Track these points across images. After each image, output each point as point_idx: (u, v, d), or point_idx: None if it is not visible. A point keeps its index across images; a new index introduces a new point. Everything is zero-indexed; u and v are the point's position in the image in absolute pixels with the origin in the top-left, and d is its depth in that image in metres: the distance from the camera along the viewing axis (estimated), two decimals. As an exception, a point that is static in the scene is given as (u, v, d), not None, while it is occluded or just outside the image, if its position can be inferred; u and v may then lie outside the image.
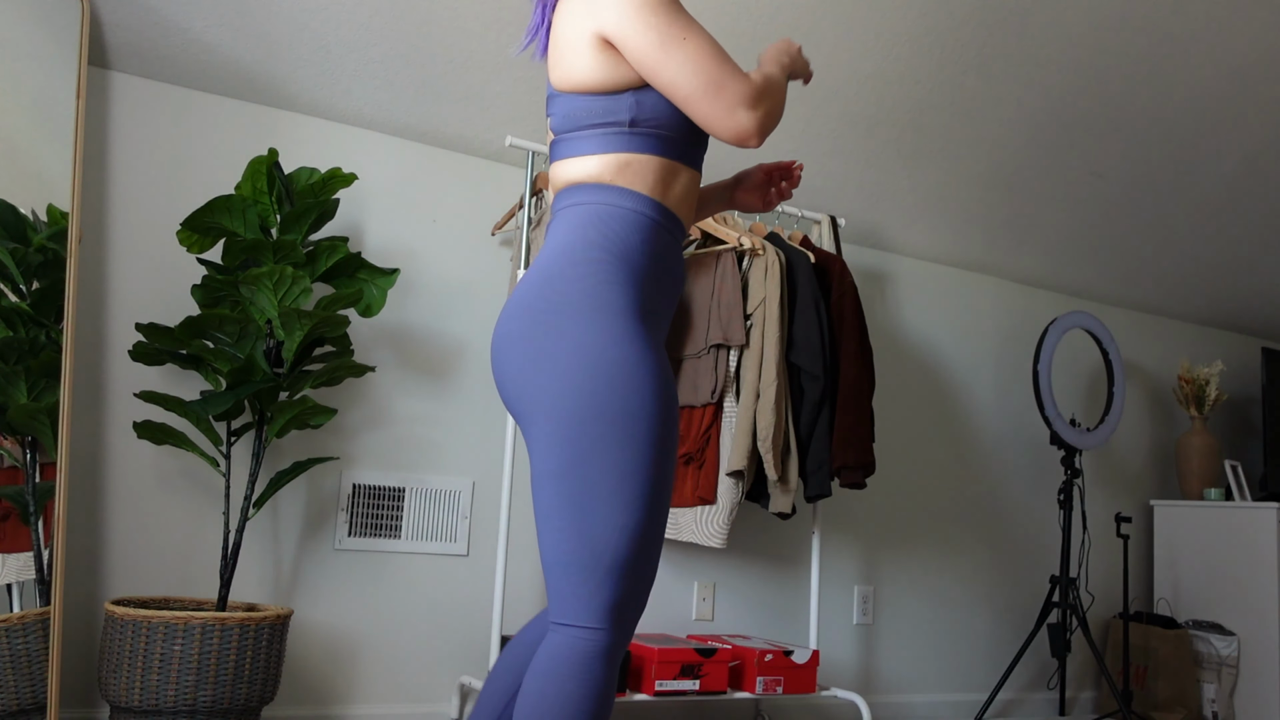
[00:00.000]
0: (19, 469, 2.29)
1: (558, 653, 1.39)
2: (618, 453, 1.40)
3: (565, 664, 1.38)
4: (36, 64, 2.44)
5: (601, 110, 1.52)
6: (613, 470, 1.39)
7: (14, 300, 2.31)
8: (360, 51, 2.72)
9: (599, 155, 1.53)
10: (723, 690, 2.82)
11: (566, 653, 1.39)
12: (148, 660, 2.21)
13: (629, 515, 1.40)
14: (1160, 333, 4.61)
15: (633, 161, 1.52)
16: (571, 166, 1.55)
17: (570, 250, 1.48)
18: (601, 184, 1.52)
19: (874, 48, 2.93)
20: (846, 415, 3.07)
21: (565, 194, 1.56)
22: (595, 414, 1.40)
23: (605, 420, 1.40)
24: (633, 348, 1.43)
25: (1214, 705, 3.93)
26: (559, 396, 1.41)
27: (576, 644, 1.39)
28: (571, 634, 1.40)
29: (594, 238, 1.49)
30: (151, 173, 2.71)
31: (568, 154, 1.56)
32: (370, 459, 2.88)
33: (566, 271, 1.47)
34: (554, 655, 1.39)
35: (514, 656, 1.60)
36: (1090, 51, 3.02)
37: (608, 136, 1.52)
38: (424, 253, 3.02)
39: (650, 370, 1.43)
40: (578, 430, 1.40)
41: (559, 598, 1.41)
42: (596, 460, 1.39)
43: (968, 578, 3.89)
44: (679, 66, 1.46)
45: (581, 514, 1.40)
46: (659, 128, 1.53)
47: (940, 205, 3.62)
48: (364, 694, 2.82)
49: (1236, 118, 3.35)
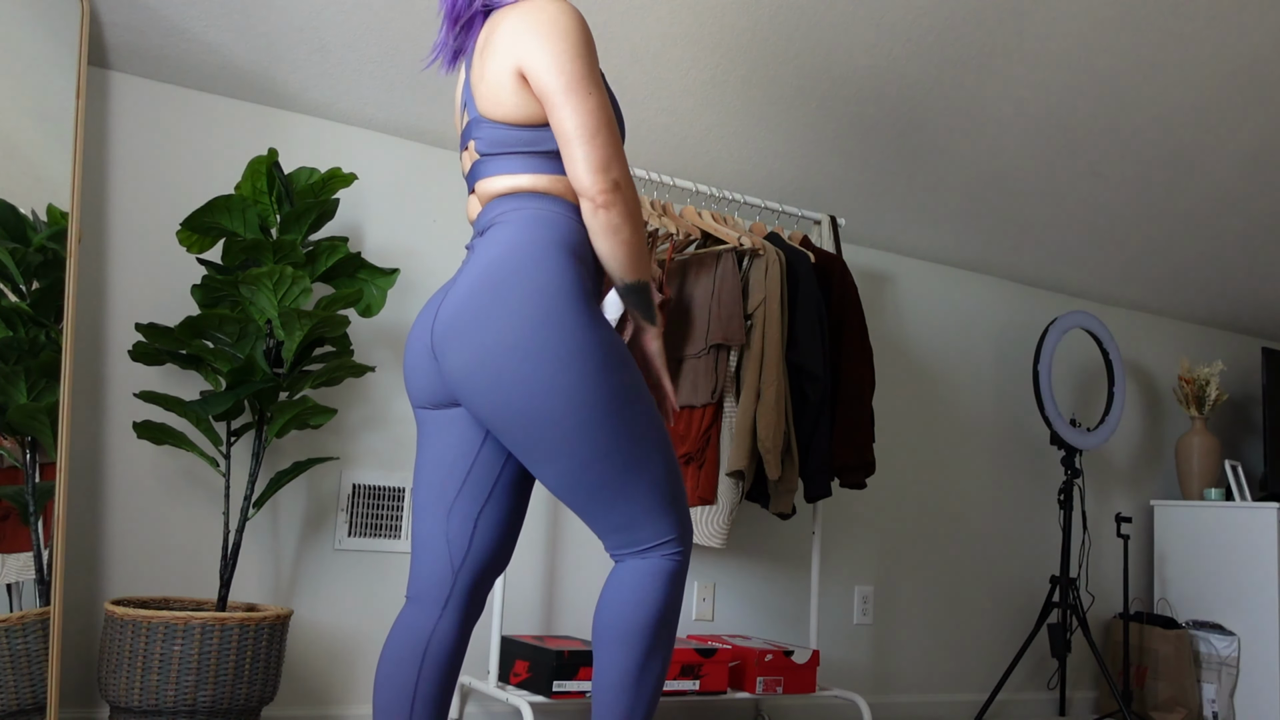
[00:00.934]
0: (19, 469, 2.29)
1: (637, 569, 1.61)
2: (633, 420, 1.59)
3: (662, 575, 1.62)
4: (36, 64, 2.44)
5: (529, 139, 1.65)
6: (640, 439, 1.60)
7: (14, 300, 2.31)
8: (360, 51, 2.72)
9: (530, 174, 1.66)
10: (723, 690, 2.82)
11: (643, 568, 1.62)
12: (148, 660, 2.21)
13: (663, 458, 1.63)
14: (1160, 333, 4.61)
15: (559, 180, 1.66)
16: (502, 181, 1.66)
17: (530, 246, 1.59)
18: (536, 193, 1.65)
19: (874, 47, 2.92)
20: (847, 415, 3.07)
21: (499, 203, 1.66)
22: (610, 395, 1.56)
23: (620, 399, 1.57)
24: (609, 329, 1.61)
25: (1214, 705, 3.93)
26: (576, 388, 1.54)
27: (664, 561, 1.62)
28: (639, 557, 1.63)
29: (550, 236, 1.61)
30: (151, 173, 2.71)
31: (497, 171, 1.67)
32: (370, 459, 2.88)
33: (535, 266, 1.58)
34: (635, 570, 1.61)
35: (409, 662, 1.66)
36: (1090, 51, 3.02)
37: (535, 159, 1.65)
38: (424, 253, 3.02)
39: (619, 343, 1.62)
40: (602, 413, 1.55)
41: (612, 530, 1.61)
42: (626, 435, 1.58)
43: (968, 578, 3.89)
44: (574, 110, 1.57)
45: (636, 473, 1.60)
46: None
47: (940, 205, 3.62)
48: (364, 694, 2.82)
49: (1236, 118, 3.35)
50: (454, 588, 1.66)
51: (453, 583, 1.66)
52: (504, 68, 1.62)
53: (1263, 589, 3.92)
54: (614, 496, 1.60)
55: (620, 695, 1.61)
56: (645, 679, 1.62)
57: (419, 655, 1.63)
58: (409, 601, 1.68)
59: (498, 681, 2.75)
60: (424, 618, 1.65)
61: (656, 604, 1.61)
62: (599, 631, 1.63)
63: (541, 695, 2.61)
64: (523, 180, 1.65)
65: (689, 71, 2.94)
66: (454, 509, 1.67)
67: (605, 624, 1.62)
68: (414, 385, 1.69)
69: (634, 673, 1.61)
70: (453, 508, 1.66)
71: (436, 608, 1.65)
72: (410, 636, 1.64)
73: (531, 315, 1.54)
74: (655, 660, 1.62)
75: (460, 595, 1.66)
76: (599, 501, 1.60)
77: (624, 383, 1.58)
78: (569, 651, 2.63)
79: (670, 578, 1.63)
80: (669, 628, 1.64)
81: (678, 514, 1.65)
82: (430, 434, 1.70)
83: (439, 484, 1.67)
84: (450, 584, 1.66)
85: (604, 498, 1.60)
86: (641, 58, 2.88)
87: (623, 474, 1.59)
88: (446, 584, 1.66)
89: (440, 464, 1.68)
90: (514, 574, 3.05)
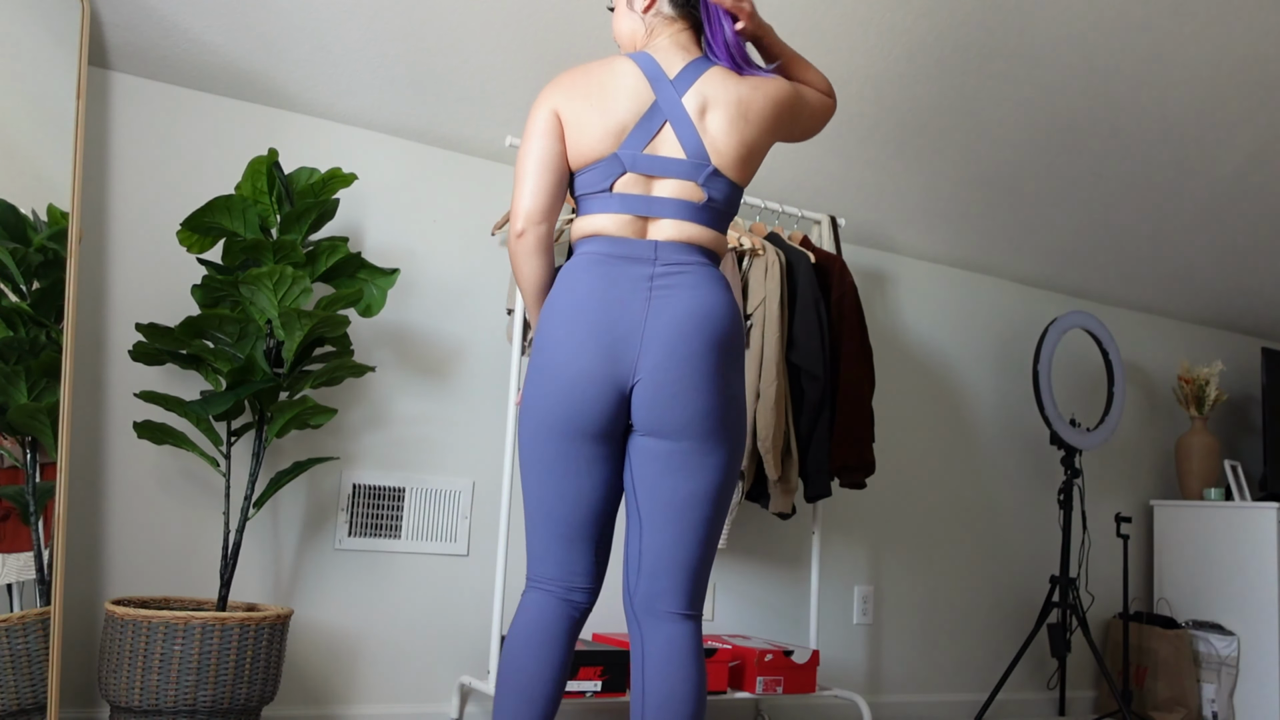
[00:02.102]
0: (19, 469, 2.29)
1: (698, 638, 1.75)
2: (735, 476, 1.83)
3: (700, 646, 1.76)
4: (36, 64, 2.44)
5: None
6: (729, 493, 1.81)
7: (14, 300, 2.31)
8: (360, 51, 2.72)
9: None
10: (723, 690, 2.82)
11: (699, 636, 1.76)
12: (148, 660, 2.21)
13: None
14: (1160, 333, 4.61)
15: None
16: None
17: (732, 301, 1.82)
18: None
19: (874, 47, 2.93)
20: (846, 415, 3.07)
21: (694, 249, 1.82)
22: (740, 447, 1.80)
23: (741, 449, 1.82)
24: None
25: (1214, 705, 3.93)
26: (738, 430, 1.78)
27: (699, 628, 1.77)
28: (698, 621, 1.77)
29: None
30: (151, 173, 2.71)
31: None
32: (370, 459, 2.89)
33: (739, 319, 1.81)
34: (697, 640, 1.75)
35: (549, 650, 1.78)
36: (1090, 51, 3.02)
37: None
38: (424, 253, 3.02)
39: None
40: (736, 460, 1.79)
41: (694, 593, 1.77)
42: (730, 485, 1.79)
43: (968, 578, 3.89)
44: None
45: (718, 525, 1.79)
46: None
47: (940, 205, 3.62)
48: (364, 694, 2.82)
49: (1236, 118, 3.35)
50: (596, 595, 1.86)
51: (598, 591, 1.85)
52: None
53: (1263, 589, 3.92)
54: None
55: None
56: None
57: (562, 643, 1.78)
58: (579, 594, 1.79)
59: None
60: (575, 612, 1.80)
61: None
62: (678, 707, 1.72)
63: (541, 695, 2.61)
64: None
65: (689, 71, 2.94)
66: (600, 536, 1.83)
67: (692, 697, 1.72)
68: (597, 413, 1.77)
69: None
70: (599, 535, 1.82)
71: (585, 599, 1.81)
72: (559, 624, 1.77)
73: (740, 394, 1.84)
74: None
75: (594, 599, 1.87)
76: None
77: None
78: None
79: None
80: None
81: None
82: (574, 469, 1.79)
83: (584, 519, 1.80)
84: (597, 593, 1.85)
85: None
86: (641, 58, 2.88)
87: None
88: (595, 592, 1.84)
89: (585, 499, 1.79)
90: (513, 574, 3.05)
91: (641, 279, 1.73)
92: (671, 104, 1.78)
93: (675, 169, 1.77)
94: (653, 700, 1.69)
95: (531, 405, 1.75)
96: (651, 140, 1.77)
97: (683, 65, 1.82)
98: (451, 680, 2.93)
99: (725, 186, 1.80)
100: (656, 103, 1.78)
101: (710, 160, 1.78)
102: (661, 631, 1.73)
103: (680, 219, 1.77)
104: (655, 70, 1.80)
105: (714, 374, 1.72)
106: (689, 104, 1.78)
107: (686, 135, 1.77)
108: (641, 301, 1.71)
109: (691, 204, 1.77)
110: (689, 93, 1.79)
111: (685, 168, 1.77)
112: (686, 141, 1.77)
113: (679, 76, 1.80)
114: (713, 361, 1.72)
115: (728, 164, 1.79)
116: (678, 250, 1.76)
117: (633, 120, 1.77)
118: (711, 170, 1.77)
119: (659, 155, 1.77)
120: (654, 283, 1.73)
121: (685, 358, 1.70)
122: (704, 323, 1.72)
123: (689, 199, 1.77)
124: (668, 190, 1.77)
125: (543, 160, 1.77)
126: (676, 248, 1.76)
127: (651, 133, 1.77)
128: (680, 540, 1.74)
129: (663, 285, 1.73)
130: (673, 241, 1.76)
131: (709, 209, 1.79)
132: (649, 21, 1.88)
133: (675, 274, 1.74)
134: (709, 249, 1.80)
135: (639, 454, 1.75)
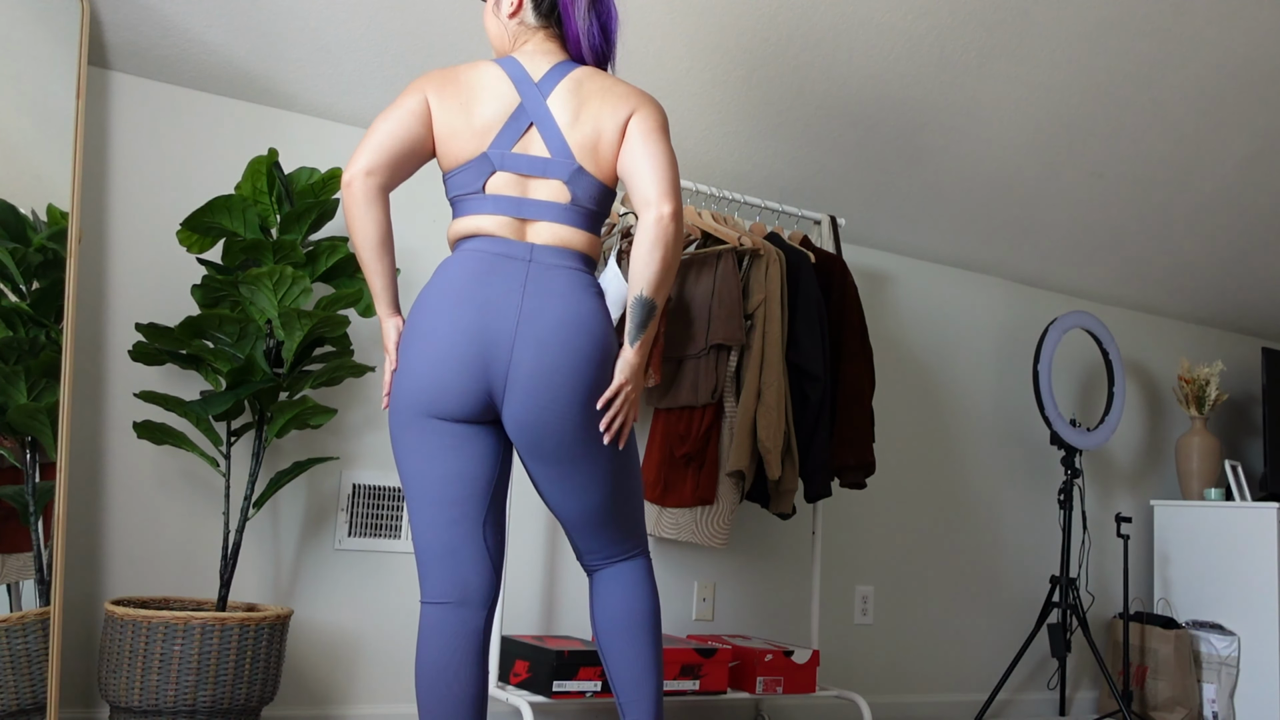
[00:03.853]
0: (19, 469, 2.29)
1: (642, 568, 1.91)
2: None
3: (647, 573, 1.91)
4: (36, 64, 2.44)
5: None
6: (631, 454, 1.90)
7: (14, 300, 2.31)
8: (360, 51, 2.72)
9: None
10: (723, 690, 2.82)
11: (645, 567, 1.92)
12: (148, 660, 2.21)
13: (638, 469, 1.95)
14: (1160, 333, 4.61)
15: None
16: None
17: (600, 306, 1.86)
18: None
19: (874, 48, 2.93)
20: (847, 415, 3.07)
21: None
22: (629, 443, 1.90)
23: (630, 444, 1.93)
24: None
25: (1214, 705, 3.93)
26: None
27: (647, 561, 1.93)
28: (640, 555, 1.92)
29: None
30: (151, 173, 2.71)
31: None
32: (370, 459, 2.88)
33: (610, 328, 1.84)
34: (648, 574, 1.92)
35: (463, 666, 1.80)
36: (1090, 51, 3.02)
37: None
38: (424, 253, 3.02)
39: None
40: (625, 455, 1.87)
41: (625, 540, 1.90)
42: (626, 467, 1.89)
43: (968, 578, 3.89)
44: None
45: (629, 481, 1.89)
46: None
47: (940, 205, 3.62)
48: (364, 694, 2.82)
49: (1236, 118, 3.35)
50: (497, 590, 1.83)
51: (498, 585, 1.82)
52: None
53: (1263, 589, 3.92)
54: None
55: (656, 676, 1.85)
56: (660, 662, 1.90)
57: (476, 654, 1.76)
58: (454, 605, 1.76)
59: (498, 681, 2.75)
60: (473, 619, 1.77)
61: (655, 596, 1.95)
62: (622, 625, 1.86)
63: (541, 695, 2.61)
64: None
65: (689, 72, 2.94)
66: (488, 519, 1.80)
67: (632, 615, 1.88)
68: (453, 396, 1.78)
69: (659, 656, 1.89)
70: (486, 517, 1.80)
71: (483, 609, 1.78)
72: (463, 640, 1.75)
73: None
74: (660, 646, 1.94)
75: (496, 596, 1.84)
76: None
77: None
78: (569, 651, 2.62)
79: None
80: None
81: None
82: (447, 445, 1.78)
83: (464, 496, 1.78)
84: (496, 586, 1.82)
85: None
86: (642, 58, 2.88)
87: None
88: (493, 586, 1.81)
89: (462, 476, 1.78)
90: (514, 574, 3.05)
91: (515, 279, 1.75)
92: (536, 105, 1.81)
93: (542, 168, 1.80)
94: (608, 623, 1.88)
95: (398, 393, 1.78)
96: (518, 140, 1.81)
97: (548, 68, 1.86)
98: (451, 680, 2.93)
99: (592, 185, 1.82)
100: (522, 104, 1.81)
101: (575, 158, 1.80)
102: (605, 575, 1.91)
103: (553, 221, 1.80)
104: (520, 73, 1.84)
105: (585, 390, 1.75)
106: (554, 105, 1.82)
107: (551, 135, 1.80)
108: (514, 305, 1.74)
109: (560, 205, 1.80)
110: (554, 93, 1.82)
111: (551, 166, 1.80)
112: (551, 141, 1.80)
113: (544, 79, 1.84)
114: (584, 376, 1.75)
115: (590, 160, 1.81)
116: (552, 254, 1.78)
117: (499, 122, 1.80)
118: (576, 168, 1.80)
119: (528, 154, 1.80)
120: (526, 287, 1.75)
121: (555, 377, 1.73)
122: (575, 334, 1.74)
123: (557, 200, 1.80)
124: (540, 193, 1.80)
125: (396, 129, 1.80)
126: (551, 251, 1.78)
127: (518, 133, 1.80)
128: (590, 517, 1.87)
129: (535, 290, 1.75)
130: (548, 245, 1.79)
131: (577, 209, 1.81)
132: (512, 28, 1.92)
133: (547, 279, 1.76)
134: (583, 253, 1.82)
135: (521, 454, 1.83)
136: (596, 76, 1.86)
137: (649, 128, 1.82)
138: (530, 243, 1.79)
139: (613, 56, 1.93)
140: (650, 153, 1.80)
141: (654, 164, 1.79)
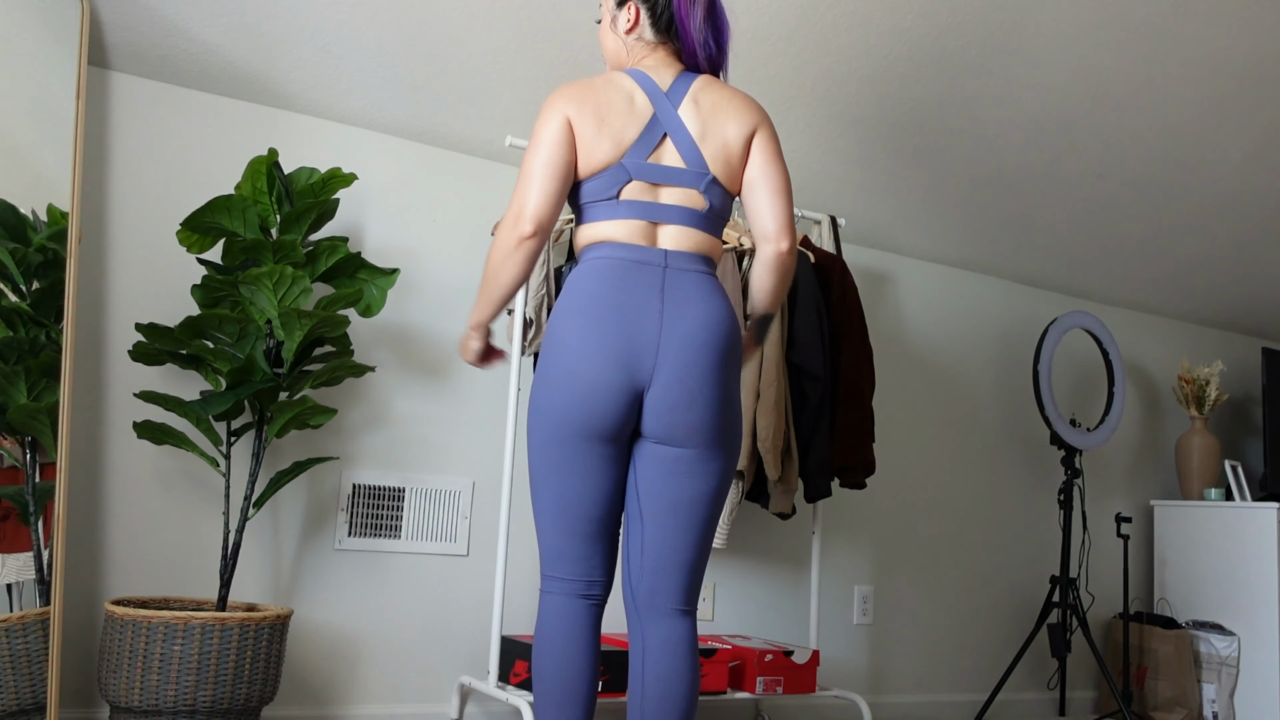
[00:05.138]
0: (19, 469, 2.29)
1: (694, 634, 1.84)
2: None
3: (695, 641, 1.85)
4: (36, 64, 2.44)
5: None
6: (724, 498, 1.91)
7: (14, 300, 2.31)
8: (360, 51, 2.72)
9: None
10: (723, 690, 2.82)
11: (695, 632, 1.85)
12: (148, 660, 2.21)
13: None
14: (1160, 333, 4.61)
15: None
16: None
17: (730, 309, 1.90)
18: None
19: (874, 47, 2.92)
20: (847, 415, 3.07)
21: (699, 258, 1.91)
22: (736, 452, 1.89)
23: (738, 453, 1.90)
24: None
25: (1214, 705, 3.93)
26: (737, 436, 1.86)
27: (694, 625, 1.86)
28: (694, 618, 1.87)
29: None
30: (151, 173, 2.71)
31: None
32: (370, 459, 2.88)
33: (739, 328, 1.91)
34: (693, 636, 1.84)
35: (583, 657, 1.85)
36: (1090, 51, 3.02)
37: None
38: (424, 253, 3.02)
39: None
40: (734, 464, 1.87)
41: (692, 590, 1.86)
42: (727, 487, 1.88)
43: (968, 577, 3.89)
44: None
45: (715, 525, 1.88)
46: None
47: (940, 205, 3.62)
48: (364, 694, 2.82)
49: (1236, 118, 3.35)
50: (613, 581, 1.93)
51: (613, 578, 1.93)
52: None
53: (1263, 589, 3.92)
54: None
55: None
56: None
57: (595, 638, 1.86)
58: (580, 598, 1.85)
59: (498, 681, 2.75)
60: (596, 609, 1.88)
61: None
62: (674, 701, 1.81)
63: (541, 695, 2.61)
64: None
65: (689, 71, 2.94)
66: (615, 527, 1.93)
67: (688, 697, 1.81)
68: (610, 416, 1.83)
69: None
70: (615, 527, 1.92)
71: (604, 600, 1.89)
72: (585, 629, 1.84)
73: (738, 400, 1.94)
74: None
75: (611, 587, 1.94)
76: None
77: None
78: (569, 651, 2.62)
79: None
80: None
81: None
82: (596, 467, 1.84)
83: (605, 514, 1.87)
84: (613, 579, 1.92)
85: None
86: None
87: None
88: (612, 580, 1.91)
89: (609, 497, 1.87)
90: (513, 574, 3.05)
91: (653, 286, 1.80)
92: (669, 116, 1.86)
93: (678, 178, 1.84)
94: (651, 691, 1.79)
95: (546, 409, 1.81)
96: (654, 151, 1.85)
97: (673, 79, 1.91)
98: (451, 680, 2.93)
99: (721, 194, 1.88)
100: (655, 116, 1.86)
101: (709, 169, 1.86)
102: (661, 626, 1.82)
103: (686, 226, 1.85)
104: (651, 85, 1.88)
105: (721, 385, 1.81)
106: (685, 115, 1.87)
107: (685, 146, 1.85)
108: (655, 311, 1.79)
109: (695, 211, 1.85)
110: (683, 105, 1.88)
111: (687, 176, 1.85)
112: (686, 152, 1.85)
113: (671, 90, 1.89)
114: (721, 373, 1.81)
115: (722, 171, 1.87)
116: (685, 259, 1.84)
117: (635, 133, 1.85)
118: (710, 178, 1.86)
119: (662, 164, 1.85)
120: (665, 292, 1.80)
121: (698, 371, 1.79)
122: (714, 335, 1.80)
123: (693, 206, 1.85)
124: (673, 198, 1.85)
125: (553, 164, 1.83)
126: (684, 256, 1.84)
127: (653, 144, 1.85)
128: (682, 538, 1.83)
129: (674, 295, 1.80)
130: (681, 250, 1.84)
131: (709, 216, 1.87)
132: (630, 44, 1.97)
133: (685, 284, 1.82)
134: (710, 257, 1.89)
135: (645, 458, 1.83)
136: (715, 86, 1.92)
137: (773, 152, 1.90)
138: (663, 248, 1.84)
139: (725, 65, 1.98)
140: (773, 185, 1.89)
141: (775, 197, 1.89)
